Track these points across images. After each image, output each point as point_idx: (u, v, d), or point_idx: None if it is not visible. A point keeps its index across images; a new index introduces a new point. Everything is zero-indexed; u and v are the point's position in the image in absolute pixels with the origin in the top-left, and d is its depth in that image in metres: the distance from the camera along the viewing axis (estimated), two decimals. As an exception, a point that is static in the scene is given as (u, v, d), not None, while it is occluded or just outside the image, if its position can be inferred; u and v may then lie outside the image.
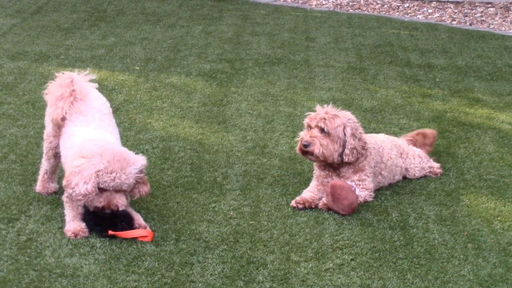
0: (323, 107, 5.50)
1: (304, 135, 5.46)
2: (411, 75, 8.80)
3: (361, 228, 5.07)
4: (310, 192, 5.43)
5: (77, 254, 4.57)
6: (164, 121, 6.95)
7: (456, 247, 4.88)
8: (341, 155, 5.41)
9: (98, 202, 4.71)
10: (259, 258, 4.64)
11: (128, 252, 4.62)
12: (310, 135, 5.41)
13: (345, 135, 5.38)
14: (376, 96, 7.97)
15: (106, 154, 4.65)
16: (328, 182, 5.44)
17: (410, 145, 6.09)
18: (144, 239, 4.74)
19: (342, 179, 5.44)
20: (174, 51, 9.45)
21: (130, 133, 6.59)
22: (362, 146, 5.44)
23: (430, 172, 5.99)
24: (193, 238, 4.84)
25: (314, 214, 5.25)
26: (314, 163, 5.58)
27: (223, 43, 9.92)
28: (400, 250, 4.81)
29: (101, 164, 4.62)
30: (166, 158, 6.09)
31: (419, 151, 6.05)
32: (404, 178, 5.92)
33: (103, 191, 4.70)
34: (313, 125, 5.43)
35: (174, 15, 11.62)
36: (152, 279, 4.36)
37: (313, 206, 5.34)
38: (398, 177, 5.85)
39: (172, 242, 4.77)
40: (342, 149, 5.40)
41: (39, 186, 5.39)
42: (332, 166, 5.50)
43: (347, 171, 5.49)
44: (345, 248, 4.80)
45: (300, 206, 5.32)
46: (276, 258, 4.66)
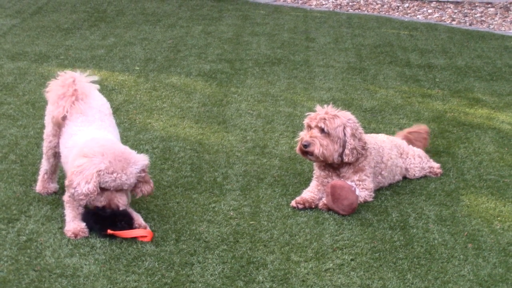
0: (323, 107, 5.50)
1: (304, 135, 5.46)
2: (411, 75, 8.80)
3: (361, 228, 5.07)
4: (310, 192, 5.43)
5: (77, 254, 4.57)
6: (164, 121, 6.95)
7: (456, 247, 4.88)
8: (341, 155, 5.41)
9: (99, 202, 4.72)
10: (259, 258, 4.64)
11: (128, 252, 4.62)
12: (310, 135, 5.40)
13: (345, 135, 5.38)
14: (376, 96, 7.96)
15: (108, 153, 4.65)
16: (328, 182, 5.43)
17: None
18: (144, 239, 4.74)
19: (342, 179, 5.44)
20: (174, 51, 9.45)
21: (130, 133, 6.59)
22: (362, 146, 5.44)
23: (430, 172, 5.99)
24: (193, 238, 4.84)
25: (314, 214, 5.25)
26: (314, 163, 5.58)
27: (223, 43, 9.92)
28: (400, 250, 4.81)
29: (102, 164, 4.62)
30: (166, 158, 6.09)
31: (419, 151, 6.05)
32: (404, 178, 5.92)
33: (104, 190, 4.70)
34: (313, 125, 5.43)
35: (174, 15, 11.62)
36: (152, 279, 4.36)
37: (313, 206, 5.34)
38: (398, 177, 5.85)
39: (172, 242, 4.77)
40: (342, 149, 5.39)
41: (39, 186, 5.38)
42: (332, 166, 5.50)
43: (347, 171, 5.49)
44: (345, 248, 4.80)
45: (300, 206, 5.32)
46: (276, 258, 4.66)
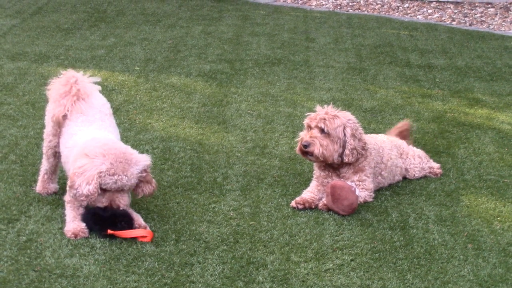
0: (323, 107, 5.50)
1: (304, 136, 5.46)
2: (411, 75, 8.80)
3: (361, 228, 5.07)
4: (310, 193, 5.42)
5: (77, 255, 4.57)
6: (164, 121, 6.95)
7: (456, 247, 4.88)
8: (341, 156, 5.41)
9: (100, 203, 4.72)
10: (259, 259, 4.64)
11: (128, 252, 4.62)
12: (310, 135, 5.40)
13: (345, 135, 5.38)
14: (376, 96, 7.96)
15: (109, 155, 4.65)
16: (328, 182, 5.43)
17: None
18: (144, 239, 4.74)
19: (342, 180, 5.44)
20: (174, 51, 9.45)
21: (130, 133, 6.59)
22: (362, 147, 5.44)
23: (430, 172, 5.99)
24: (193, 238, 4.84)
25: (314, 214, 5.25)
26: (314, 163, 5.58)
27: (223, 44, 9.92)
28: (400, 251, 4.81)
29: (103, 165, 4.62)
30: (166, 159, 6.09)
31: (419, 152, 6.05)
32: (404, 178, 5.92)
33: (105, 191, 4.70)
34: (313, 125, 5.43)
35: (174, 16, 11.62)
36: (152, 279, 4.36)
37: (313, 207, 5.34)
38: (398, 177, 5.85)
39: (172, 242, 4.77)
40: (342, 149, 5.39)
41: (39, 187, 5.38)
42: (332, 167, 5.50)
43: (347, 172, 5.49)
44: (345, 249, 4.80)
45: (300, 207, 5.32)
46: (276, 258, 4.66)
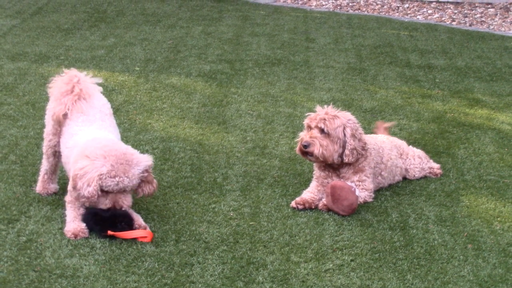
0: (323, 107, 5.50)
1: (304, 136, 5.46)
2: (411, 75, 8.80)
3: (361, 228, 5.07)
4: (310, 193, 5.42)
5: (77, 255, 4.57)
6: (164, 121, 6.95)
7: (456, 247, 4.88)
8: (341, 156, 5.41)
9: (104, 204, 4.71)
10: (259, 259, 4.64)
11: (128, 253, 4.62)
12: (310, 135, 5.40)
13: (345, 135, 5.38)
14: (376, 96, 7.96)
15: (110, 156, 4.65)
16: (328, 182, 5.43)
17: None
18: (144, 239, 4.74)
19: (342, 180, 5.44)
20: (174, 51, 9.45)
21: (130, 133, 6.59)
22: (362, 147, 5.44)
23: (430, 172, 5.99)
24: (193, 239, 4.84)
25: (314, 214, 5.25)
26: (314, 163, 5.58)
27: (223, 44, 9.92)
28: (400, 251, 4.81)
29: (104, 167, 4.62)
30: (166, 159, 6.09)
31: (419, 152, 6.05)
32: (404, 178, 5.92)
33: (108, 193, 4.70)
34: (313, 125, 5.43)
35: (174, 16, 11.62)
36: (152, 279, 4.36)
37: (313, 207, 5.34)
38: (398, 177, 5.85)
39: (172, 243, 4.77)
40: (342, 149, 5.39)
41: (39, 187, 5.38)
42: (332, 167, 5.50)
43: (347, 172, 5.49)
44: (345, 249, 4.80)
45: (300, 207, 5.32)
46: (276, 258, 4.66)
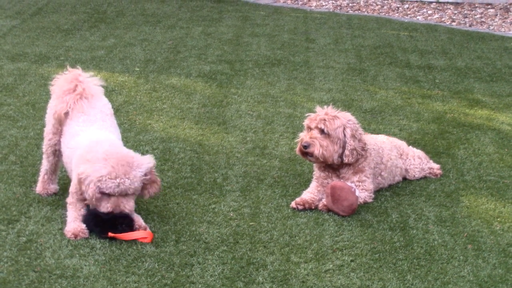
0: (323, 108, 5.50)
1: (304, 136, 5.46)
2: (411, 76, 8.80)
3: (361, 229, 5.07)
4: (310, 193, 5.42)
5: (77, 255, 4.57)
6: (164, 122, 6.95)
7: (456, 248, 4.88)
8: (341, 156, 5.41)
9: (105, 208, 4.71)
10: (259, 259, 4.64)
11: (128, 253, 4.62)
12: (310, 136, 5.40)
13: (345, 136, 5.38)
14: (376, 97, 7.97)
15: (111, 159, 4.65)
16: (328, 183, 5.43)
17: None
18: (144, 240, 4.73)
19: (342, 180, 5.44)
20: (174, 52, 9.45)
21: (130, 134, 6.59)
22: (362, 147, 5.44)
23: (430, 173, 5.99)
24: (193, 239, 4.84)
25: (314, 215, 5.25)
26: (314, 164, 5.58)
27: (223, 44, 9.92)
28: (400, 251, 4.81)
29: (103, 169, 4.62)
30: (166, 159, 6.09)
31: (419, 152, 6.05)
32: (404, 179, 5.92)
33: (110, 196, 4.69)
34: (313, 126, 5.43)
35: (173, 16, 11.63)
36: (152, 280, 4.36)
37: (313, 207, 5.34)
38: (398, 178, 5.85)
39: (172, 243, 4.77)
40: (342, 150, 5.39)
41: (39, 187, 5.38)
42: (332, 167, 5.50)
43: (347, 172, 5.49)
44: (345, 249, 4.80)
45: (300, 207, 5.32)
46: (276, 259, 4.66)
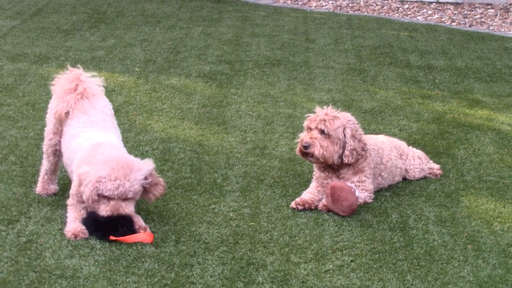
0: (323, 108, 5.50)
1: (304, 137, 5.46)
2: (411, 76, 8.80)
3: (361, 229, 5.07)
4: (310, 194, 5.42)
5: (77, 256, 4.57)
6: (164, 122, 6.95)
7: (456, 248, 4.88)
8: (341, 157, 5.41)
9: (104, 211, 4.70)
10: (259, 260, 4.64)
11: (128, 253, 4.61)
12: (310, 136, 5.40)
13: (345, 136, 5.38)
14: (376, 97, 7.97)
15: (111, 161, 4.65)
16: (328, 183, 5.43)
17: None
18: (144, 240, 4.73)
19: (342, 181, 5.44)
20: (173, 52, 9.45)
21: (130, 134, 6.59)
22: (362, 148, 5.44)
23: (430, 173, 5.98)
24: (193, 239, 4.84)
25: (314, 215, 5.25)
26: (314, 164, 5.58)
27: (223, 45, 9.92)
28: (400, 252, 4.81)
29: (103, 171, 4.62)
30: (166, 160, 6.09)
31: (419, 153, 6.05)
32: (404, 179, 5.92)
33: (110, 199, 4.69)
34: (313, 126, 5.43)
35: (173, 17, 11.63)
36: (152, 280, 4.36)
37: (313, 208, 5.34)
38: (398, 178, 5.85)
39: (172, 243, 4.77)
40: (342, 150, 5.39)
41: (39, 188, 5.38)
42: (332, 168, 5.50)
43: (347, 173, 5.49)
44: (345, 250, 4.80)
45: (300, 208, 5.32)
46: (276, 259, 4.65)
